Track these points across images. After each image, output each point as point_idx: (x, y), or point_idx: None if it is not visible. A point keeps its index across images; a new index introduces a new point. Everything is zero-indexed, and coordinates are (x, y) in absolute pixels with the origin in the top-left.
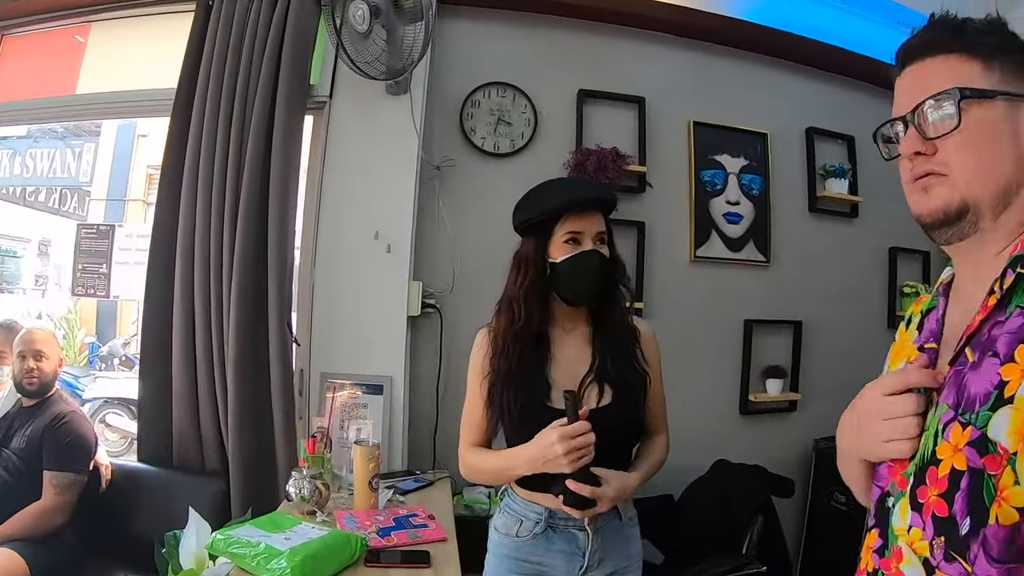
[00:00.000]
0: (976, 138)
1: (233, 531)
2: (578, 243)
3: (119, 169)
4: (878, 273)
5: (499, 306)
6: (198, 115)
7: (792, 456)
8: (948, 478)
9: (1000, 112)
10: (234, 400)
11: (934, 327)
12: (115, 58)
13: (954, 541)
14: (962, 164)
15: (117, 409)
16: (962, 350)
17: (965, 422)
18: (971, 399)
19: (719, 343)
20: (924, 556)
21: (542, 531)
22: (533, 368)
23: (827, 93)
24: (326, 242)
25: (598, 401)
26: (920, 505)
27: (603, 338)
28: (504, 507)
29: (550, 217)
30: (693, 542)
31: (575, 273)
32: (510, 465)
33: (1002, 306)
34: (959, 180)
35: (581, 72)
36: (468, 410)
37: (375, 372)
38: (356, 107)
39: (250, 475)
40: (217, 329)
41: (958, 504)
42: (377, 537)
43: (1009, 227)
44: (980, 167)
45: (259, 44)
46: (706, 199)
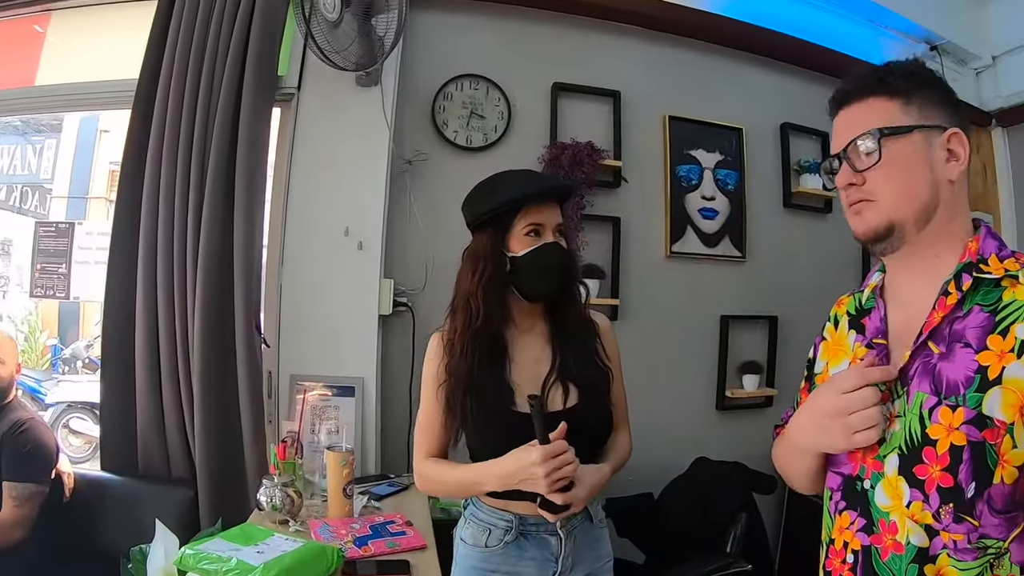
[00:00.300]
0: (896, 168)
1: (203, 545)
2: (539, 235)
3: (81, 166)
4: (851, 268)
5: (453, 307)
6: (160, 107)
7: (768, 451)
8: (949, 453)
9: (917, 143)
10: (200, 404)
11: (879, 325)
12: (76, 49)
13: (961, 505)
14: (885, 191)
15: (81, 414)
16: (924, 343)
17: (953, 404)
18: (952, 384)
19: (695, 339)
20: (926, 523)
21: (513, 539)
22: (493, 372)
23: (802, 89)
24: (294, 239)
25: (564, 402)
26: (920, 481)
27: (562, 335)
28: (469, 517)
29: (510, 209)
30: (675, 542)
31: (539, 267)
32: (479, 480)
33: (959, 305)
34: (885, 204)
35: (556, 65)
36: (424, 419)
37: (346, 373)
38: (325, 99)
39: (219, 483)
40: (181, 331)
41: (963, 474)
42: (354, 547)
43: (932, 238)
44: (900, 192)
45: (225, 32)
46: (681, 194)
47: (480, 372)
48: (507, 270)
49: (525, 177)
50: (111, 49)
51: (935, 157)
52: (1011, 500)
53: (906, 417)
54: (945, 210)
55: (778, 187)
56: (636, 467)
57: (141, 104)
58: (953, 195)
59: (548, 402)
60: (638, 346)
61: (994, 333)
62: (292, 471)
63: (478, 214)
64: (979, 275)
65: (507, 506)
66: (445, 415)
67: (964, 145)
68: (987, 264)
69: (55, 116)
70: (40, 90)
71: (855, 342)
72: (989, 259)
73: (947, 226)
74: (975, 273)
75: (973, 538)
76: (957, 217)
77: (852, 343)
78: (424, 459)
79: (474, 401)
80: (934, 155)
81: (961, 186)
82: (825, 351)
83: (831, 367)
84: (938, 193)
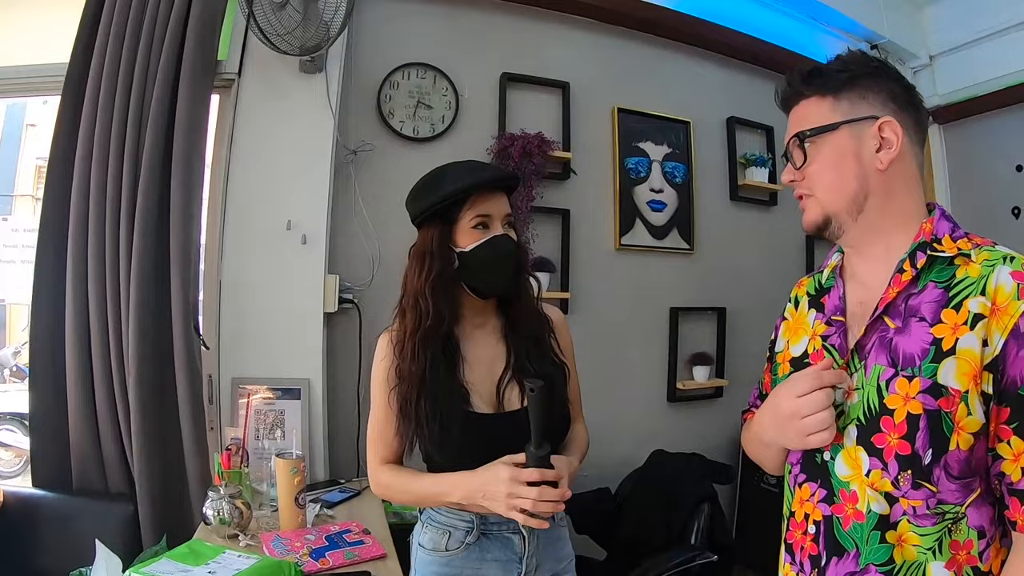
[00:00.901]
0: (826, 164)
1: (149, 566)
2: (487, 227)
3: (6, 161)
4: (796, 258)
5: (401, 307)
6: (92, 93)
7: (722, 441)
8: (906, 422)
9: (842, 138)
10: (137, 412)
11: (838, 303)
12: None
13: (919, 471)
14: (818, 186)
15: (9, 425)
16: (879, 318)
17: (910, 375)
18: (908, 356)
19: (646, 332)
20: (886, 491)
21: (475, 540)
22: (446, 373)
23: (748, 84)
24: (234, 233)
25: (522, 400)
26: (879, 450)
27: (516, 331)
28: (426, 520)
29: (455, 201)
30: (637, 537)
31: (489, 260)
32: (444, 492)
33: (914, 281)
34: (820, 198)
35: (505, 55)
36: (376, 424)
37: (291, 375)
38: (267, 86)
39: (160, 496)
40: (115, 334)
41: (920, 441)
42: (311, 560)
43: (873, 224)
44: (831, 186)
45: (163, 14)
46: (630, 186)
47: (432, 374)
48: (455, 266)
49: (469, 168)
50: (42, 32)
51: (864, 148)
52: (967, 466)
53: (863, 389)
54: (878, 198)
55: (725, 180)
56: (591, 463)
57: (71, 89)
58: (885, 182)
59: (505, 401)
60: (589, 339)
61: (948, 307)
62: (238, 481)
63: (423, 209)
64: (933, 253)
65: (464, 505)
66: (398, 420)
67: (896, 132)
68: (940, 244)
69: None
70: None
71: (815, 320)
72: (943, 239)
73: (885, 211)
74: (929, 252)
75: (932, 504)
76: (894, 201)
77: (812, 321)
78: (380, 466)
79: (428, 406)
80: (863, 147)
81: (898, 171)
82: (786, 330)
83: (791, 345)
84: (867, 183)
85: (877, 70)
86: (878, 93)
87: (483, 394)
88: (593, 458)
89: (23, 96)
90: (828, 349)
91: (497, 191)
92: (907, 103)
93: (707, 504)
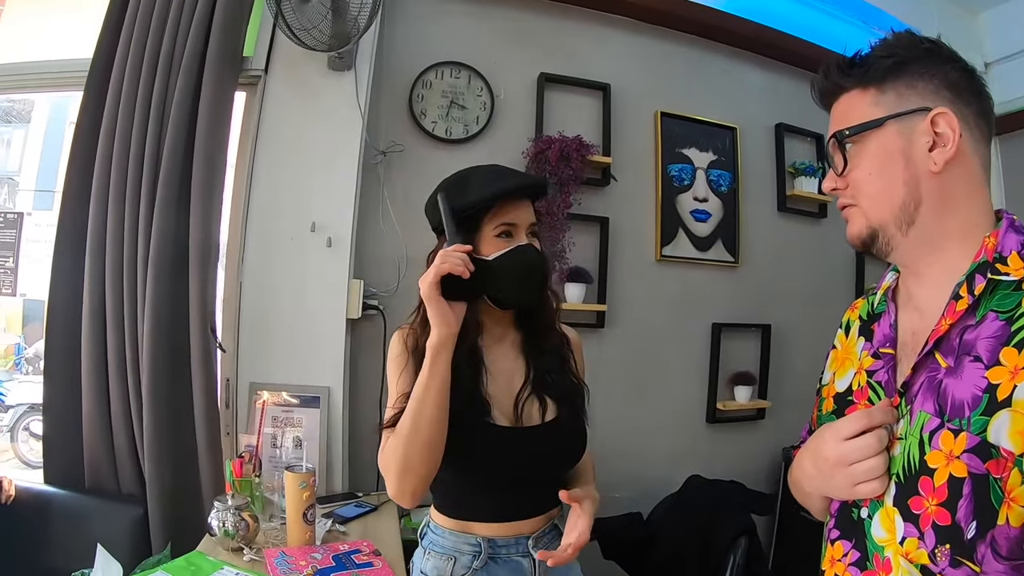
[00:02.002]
0: (871, 168)
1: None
2: (511, 236)
3: (49, 158)
4: (846, 275)
5: (420, 314)
6: (115, 88)
7: (761, 466)
8: (947, 486)
9: (891, 135)
10: (149, 413)
11: (888, 332)
12: (33, 28)
13: (959, 547)
14: (862, 194)
15: (40, 416)
16: (929, 353)
17: (956, 429)
18: (957, 404)
19: (686, 348)
20: (922, 564)
21: (482, 565)
22: (470, 382)
23: (797, 89)
24: (256, 234)
25: (542, 416)
26: (915, 516)
27: (535, 346)
28: (429, 546)
29: (480, 209)
30: (670, 567)
31: (513, 270)
32: (423, 377)
33: (971, 311)
34: (865, 208)
35: (543, 55)
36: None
37: (311, 382)
38: (294, 83)
39: (171, 500)
40: (131, 333)
41: (962, 511)
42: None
43: (924, 238)
44: (876, 194)
45: (187, 9)
46: (673, 195)
47: (455, 387)
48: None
49: (494, 173)
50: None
51: (915, 147)
52: (1020, 546)
53: (907, 440)
54: (932, 206)
55: (772, 189)
56: (623, 483)
57: (94, 85)
58: (940, 187)
59: (524, 416)
60: (626, 355)
61: (1009, 345)
62: (248, 491)
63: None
64: (995, 276)
65: (469, 528)
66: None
67: (952, 125)
68: (1005, 263)
69: (24, 106)
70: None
71: (863, 350)
72: (1009, 257)
73: (941, 223)
74: (990, 274)
75: None
76: (953, 210)
77: (860, 351)
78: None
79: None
80: (913, 145)
81: (956, 174)
82: (833, 361)
83: (837, 379)
84: (918, 189)
85: (929, 52)
86: (930, 80)
87: (503, 408)
88: (624, 479)
89: (50, 91)
90: (873, 387)
91: (523, 199)
92: (967, 91)
93: (745, 538)
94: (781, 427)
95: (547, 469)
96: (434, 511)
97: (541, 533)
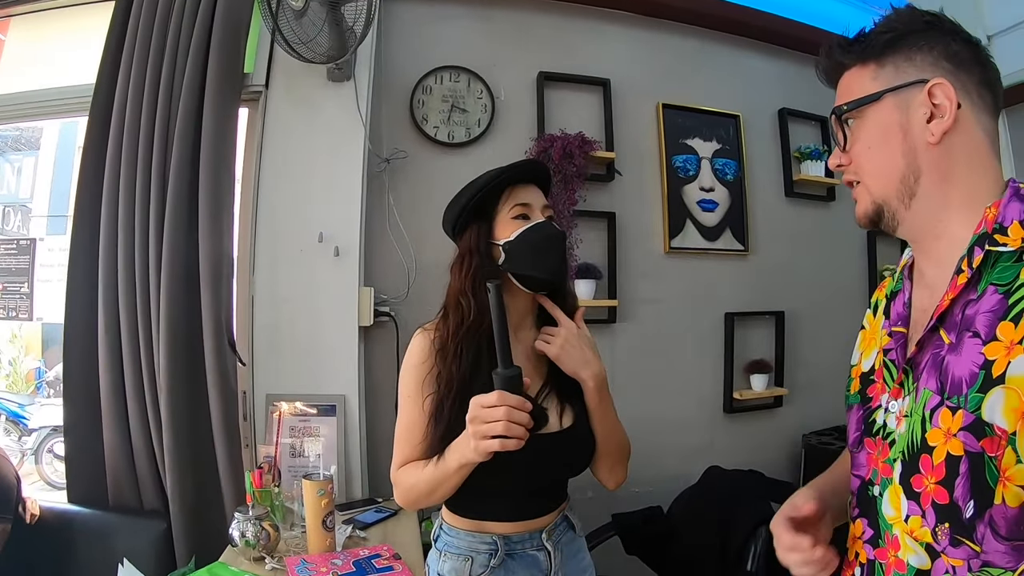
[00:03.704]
0: (871, 141)
1: None
2: (527, 218)
3: (60, 183)
4: (857, 257)
5: (444, 310)
6: (119, 111)
7: (781, 454)
8: (945, 465)
9: (889, 108)
10: (168, 429)
11: (902, 310)
12: (36, 55)
13: (958, 526)
14: (864, 169)
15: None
16: (932, 331)
17: (954, 406)
18: (956, 382)
19: (700, 339)
20: (926, 542)
21: (499, 563)
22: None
23: (799, 73)
24: (265, 247)
25: (560, 421)
26: (917, 494)
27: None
28: (444, 548)
29: (491, 197)
30: (691, 560)
31: (538, 244)
32: (446, 463)
33: (972, 284)
34: (868, 184)
35: (541, 54)
36: (406, 429)
37: (327, 391)
38: (295, 96)
39: (193, 514)
40: (147, 352)
41: (959, 490)
42: None
43: (927, 212)
44: (876, 168)
45: (186, 29)
46: (679, 186)
47: (475, 376)
48: (501, 261)
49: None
50: (74, 54)
51: (912, 120)
52: (1018, 526)
53: (911, 418)
54: (932, 178)
55: (779, 175)
56: (642, 478)
57: (98, 109)
58: (940, 159)
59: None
60: (639, 349)
61: (1006, 320)
62: (268, 501)
63: (459, 210)
64: (992, 248)
65: (484, 527)
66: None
67: (950, 96)
68: (1005, 234)
69: (33, 133)
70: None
71: (883, 329)
72: (1010, 228)
73: (943, 195)
74: (988, 245)
75: (975, 565)
76: (954, 182)
77: (882, 330)
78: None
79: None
80: (911, 118)
81: (956, 144)
82: (862, 341)
83: (864, 358)
84: (916, 161)
85: (929, 25)
86: (928, 52)
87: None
88: (644, 473)
89: (55, 118)
90: (887, 365)
91: (529, 182)
92: (968, 61)
93: (765, 527)
94: (799, 414)
95: (563, 473)
96: (446, 512)
97: (554, 526)
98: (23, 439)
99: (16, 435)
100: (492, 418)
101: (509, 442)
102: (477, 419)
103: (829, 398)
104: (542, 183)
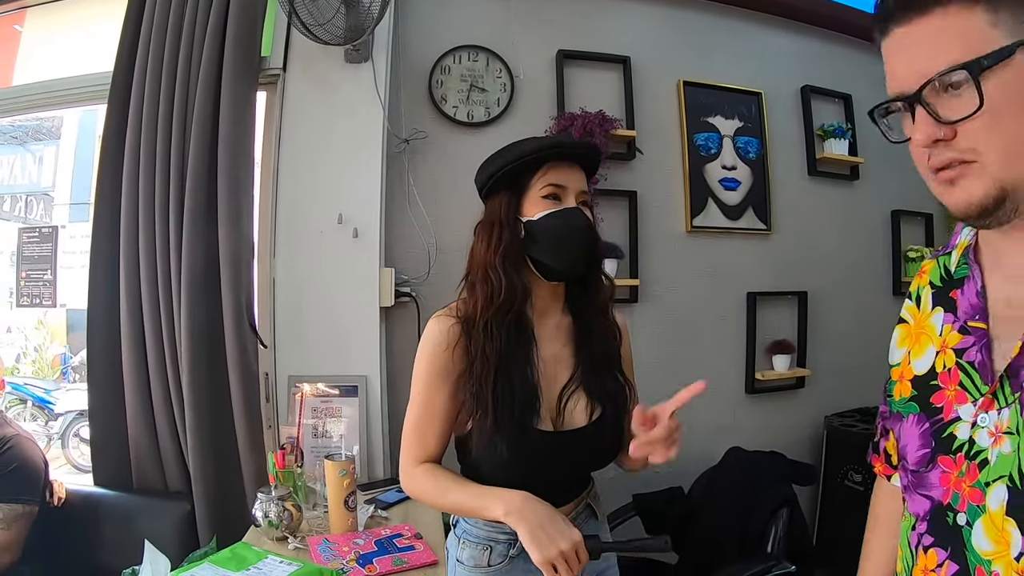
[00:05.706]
0: (1001, 111)
1: (190, 570)
2: (559, 200)
3: (81, 171)
4: (881, 238)
5: (469, 282)
6: (137, 98)
7: (803, 435)
8: None
9: (1018, 67)
10: (191, 412)
11: (976, 301)
12: (53, 45)
13: None
14: (990, 146)
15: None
16: None
17: None
18: None
19: (722, 319)
20: None
21: (518, 553)
22: (523, 359)
23: (822, 50)
24: (285, 230)
25: (588, 416)
26: None
27: (586, 336)
28: (463, 536)
29: (528, 166)
30: (711, 541)
31: (559, 232)
32: (483, 506)
33: None
34: (991, 165)
35: (560, 32)
36: (419, 420)
37: (348, 372)
38: (313, 78)
39: (216, 495)
40: (169, 335)
41: None
42: (357, 567)
43: None
44: (1012, 144)
45: (202, 14)
46: (700, 164)
47: (510, 355)
48: (522, 236)
49: (548, 138)
50: (90, 43)
51: None
52: None
53: (1019, 436)
54: None
55: (802, 154)
56: None
57: (117, 96)
58: None
59: (567, 415)
60: (660, 329)
61: None
62: (291, 481)
63: (492, 172)
64: None
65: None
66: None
67: None
68: None
69: (54, 122)
70: (16, 90)
71: (944, 324)
72: None
73: None
74: None
75: None
76: None
77: (940, 325)
78: (414, 467)
79: (507, 391)
80: None
81: None
82: (905, 337)
83: (914, 359)
84: None
85: None
86: None
87: (547, 402)
88: None
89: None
90: (964, 368)
91: (575, 165)
92: None
93: (786, 509)
94: (821, 395)
95: (587, 469)
96: None
97: (575, 516)
98: (50, 424)
99: (43, 420)
100: (566, 556)
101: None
102: (564, 555)
103: (852, 380)
104: (587, 165)
